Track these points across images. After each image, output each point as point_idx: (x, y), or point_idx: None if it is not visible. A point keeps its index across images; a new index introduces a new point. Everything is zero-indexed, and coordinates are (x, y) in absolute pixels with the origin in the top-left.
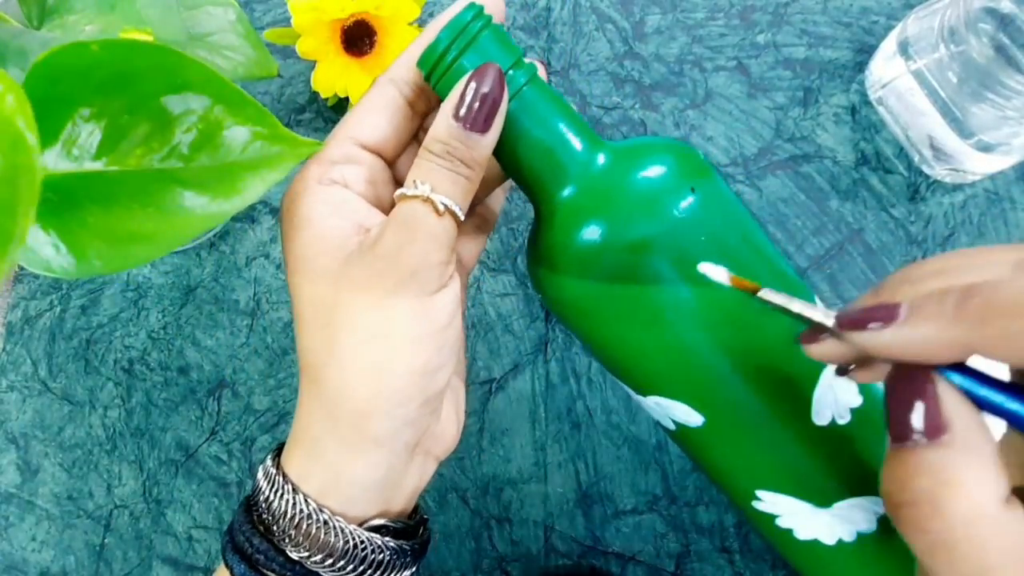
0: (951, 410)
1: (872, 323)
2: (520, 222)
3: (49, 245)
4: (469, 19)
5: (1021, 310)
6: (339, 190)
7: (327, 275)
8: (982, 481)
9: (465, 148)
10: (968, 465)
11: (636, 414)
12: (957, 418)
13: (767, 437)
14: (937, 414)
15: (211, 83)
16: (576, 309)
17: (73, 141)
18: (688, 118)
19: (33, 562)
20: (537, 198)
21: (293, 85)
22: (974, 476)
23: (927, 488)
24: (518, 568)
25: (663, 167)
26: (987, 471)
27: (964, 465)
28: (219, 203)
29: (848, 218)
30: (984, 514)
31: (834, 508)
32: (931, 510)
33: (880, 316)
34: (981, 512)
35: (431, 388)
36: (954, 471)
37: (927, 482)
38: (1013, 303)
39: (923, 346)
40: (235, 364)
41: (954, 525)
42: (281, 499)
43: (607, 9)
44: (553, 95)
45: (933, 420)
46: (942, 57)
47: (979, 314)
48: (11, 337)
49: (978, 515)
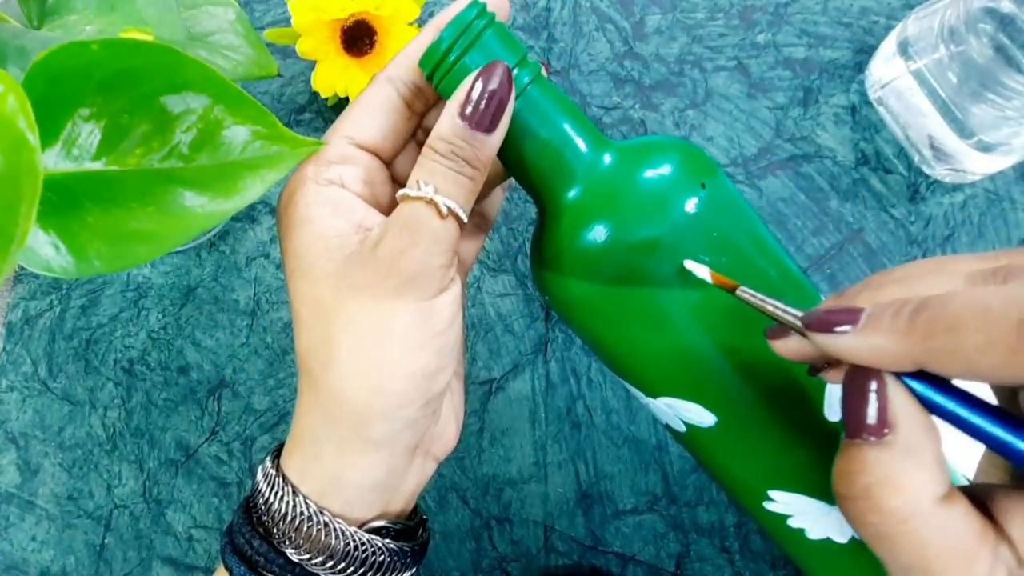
0: (898, 412)
1: (835, 325)
2: (520, 222)
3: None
4: (472, 17)
5: (963, 325)
6: (336, 190)
7: (327, 276)
8: (919, 481)
9: (470, 148)
10: (907, 465)
11: (636, 414)
12: (903, 419)
13: (779, 435)
14: (884, 414)
15: (211, 83)
16: (583, 311)
17: (73, 141)
18: (688, 118)
19: (33, 562)
20: (542, 199)
21: (293, 85)
22: (911, 475)
23: (867, 484)
24: (518, 568)
25: (670, 166)
26: (925, 471)
27: (903, 464)
28: (219, 203)
29: (848, 218)
30: (918, 511)
31: None
32: (869, 505)
33: (841, 320)
34: (916, 509)
35: (431, 390)
36: (893, 470)
37: (868, 478)
38: (956, 318)
39: (878, 354)
40: (235, 364)
41: (889, 520)
42: (281, 501)
43: (607, 9)
44: (558, 94)
45: (880, 419)
46: (942, 57)
47: (927, 330)
48: (11, 337)
49: (913, 512)
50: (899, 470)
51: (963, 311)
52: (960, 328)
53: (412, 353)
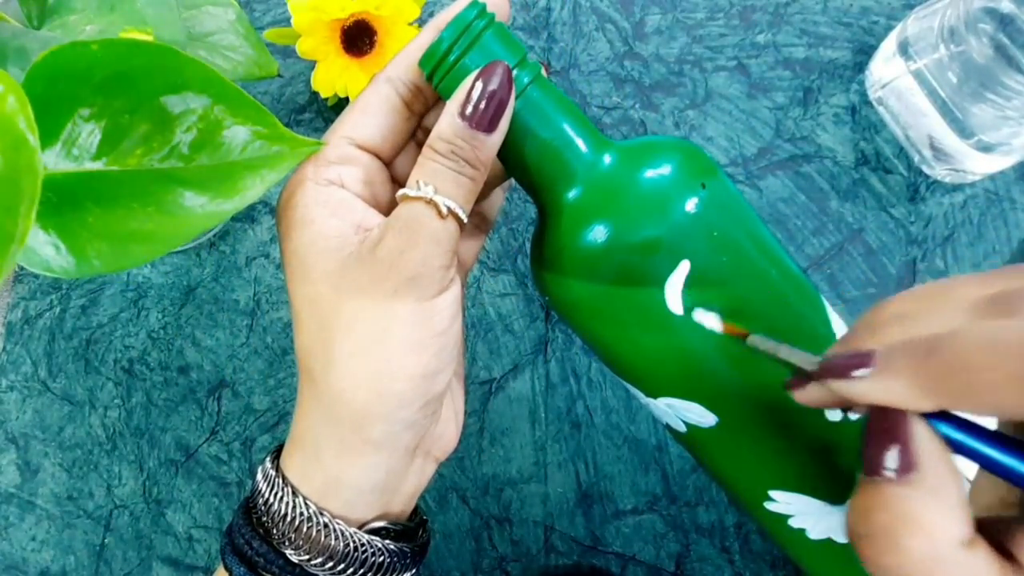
0: (922, 451)
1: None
2: (520, 222)
3: (49, 245)
4: (472, 17)
5: (976, 364)
6: (336, 190)
7: (326, 276)
8: (942, 523)
9: (471, 148)
10: (930, 506)
11: (636, 414)
12: (927, 459)
13: (781, 434)
14: (908, 453)
15: (211, 83)
16: (583, 311)
17: (73, 141)
18: (688, 118)
19: (33, 562)
20: (542, 199)
21: (293, 85)
22: (935, 517)
23: (886, 523)
24: (518, 568)
25: (670, 166)
26: (949, 513)
27: (926, 505)
28: (219, 203)
29: (848, 218)
30: (940, 555)
31: (847, 505)
32: (887, 545)
33: (855, 364)
34: (938, 553)
35: (431, 391)
36: (915, 510)
37: (887, 517)
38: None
39: (897, 397)
40: (235, 364)
41: (908, 562)
42: (281, 501)
43: (607, 9)
44: (558, 94)
45: (904, 459)
46: (942, 57)
47: (940, 372)
48: (11, 337)
49: (935, 556)
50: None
51: (974, 349)
52: (974, 367)
53: (412, 354)
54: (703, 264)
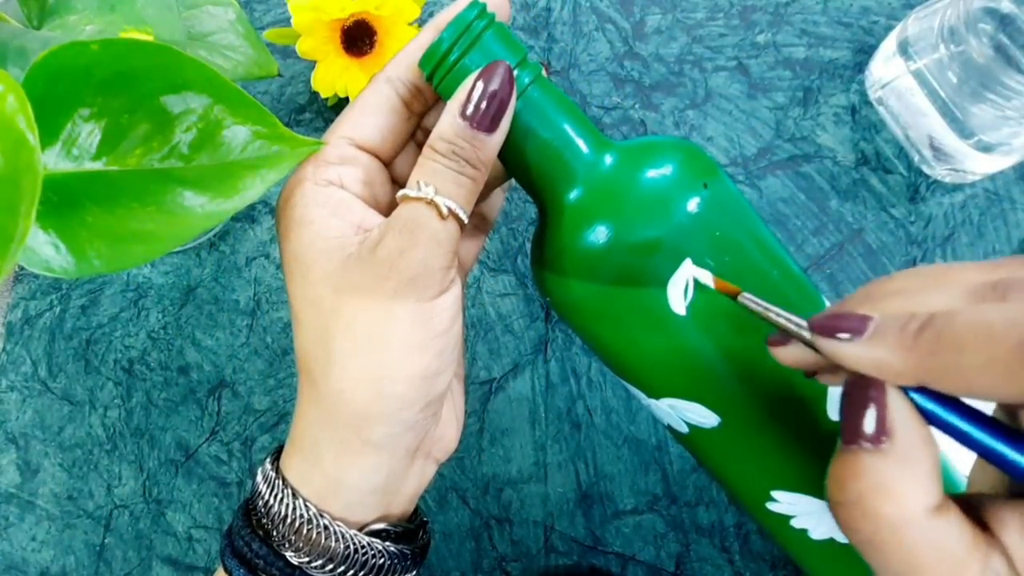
0: (896, 420)
1: (840, 332)
2: (520, 222)
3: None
4: (472, 17)
5: (964, 346)
6: (336, 191)
7: (326, 277)
8: (913, 490)
9: (471, 148)
10: (902, 473)
11: (636, 414)
12: (901, 429)
13: (783, 434)
14: (883, 422)
15: (211, 83)
16: (584, 312)
17: (73, 141)
18: (688, 118)
19: (33, 562)
20: (542, 199)
21: (293, 85)
22: (906, 484)
23: (860, 490)
24: (518, 568)
25: (671, 166)
26: (920, 481)
27: (898, 473)
28: (219, 203)
29: (848, 218)
30: (910, 520)
31: None
32: (861, 512)
33: (848, 327)
34: (908, 518)
35: (432, 392)
36: (887, 478)
37: (861, 485)
38: (959, 338)
39: (882, 367)
40: (235, 364)
41: (881, 528)
42: (281, 503)
43: (607, 9)
44: (559, 95)
45: (878, 427)
46: (942, 57)
47: (928, 348)
48: (11, 337)
49: (905, 521)
50: (892, 477)
51: (966, 330)
52: (962, 347)
53: (412, 355)
54: (704, 264)
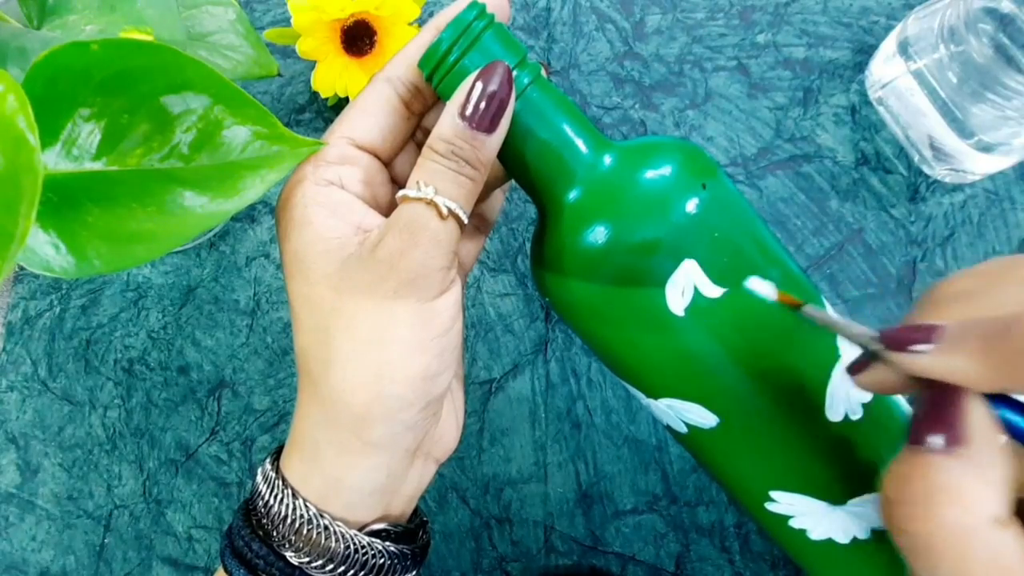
0: (973, 427)
1: (912, 344)
2: (520, 222)
3: (49, 245)
4: (472, 18)
5: None
6: (336, 191)
7: (326, 278)
8: (980, 498)
9: (471, 148)
10: (970, 479)
11: (636, 414)
12: (976, 435)
13: (782, 435)
14: (960, 428)
15: (211, 83)
16: (584, 312)
17: (73, 141)
18: (688, 118)
19: (33, 562)
20: (542, 200)
21: (293, 85)
22: (973, 491)
23: (923, 490)
24: (518, 568)
25: (671, 167)
26: (988, 490)
27: (966, 478)
28: (219, 203)
29: (848, 218)
30: (973, 527)
31: (848, 505)
32: (921, 512)
33: (920, 338)
34: (971, 525)
35: (432, 393)
36: (955, 481)
37: (925, 485)
38: None
39: (960, 375)
40: (235, 364)
41: (940, 531)
42: (281, 503)
43: (607, 9)
44: (558, 95)
45: (954, 433)
46: (942, 57)
47: (1010, 354)
48: (11, 337)
49: (968, 527)
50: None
51: None
52: None
53: (412, 355)
54: (704, 265)
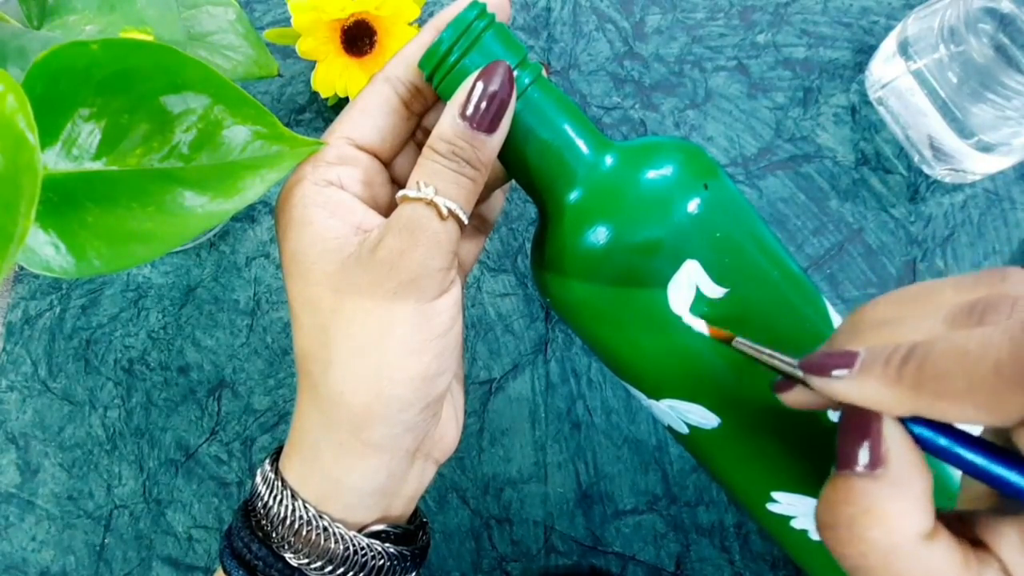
0: (890, 448)
1: (829, 369)
2: (520, 222)
3: (49, 245)
4: (472, 18)
5: (944, 374)
6: (335, 191)
7: (325, 278)
8: (904, 516)
9: (471, 148)
10: (893, 499)
11: (636, 414)
12: (895, 456)
13: (783, 436)
14: (877, 450)
15: (211, 83)
16: (584, 313)
17: (73, 141)
18: (688, 118)
19: (33, 562)
20: (543, 200)
21: (293, 85)
22: (895, 510)
23: (851, 515)
24: (518, 568)
25: (672, 167)
26: (910, 507)
27: (889, 498)
28: (219, 203)
29: (848, 218)
30: (899, 545)
31: None
32: (850, 536)
33: (837, 364)
34: (897, 543)
35: (431, 394)
36: (878, 503)
37: (852, 509)
38: (939, 367)
39: (874, 400)
40: (235, 364)
41: (869, 552)
42: (280, 504)
43: (607, 9)
44: (559, 95)
45: (873, 455)
46: (942, 57)
47: (914, 378)
48: (11, 337)
49: (894, 546)
50: (883, 502)
51: (943, 359)
52: (943, 376)
53: (412, 356)
54: (705, 265)
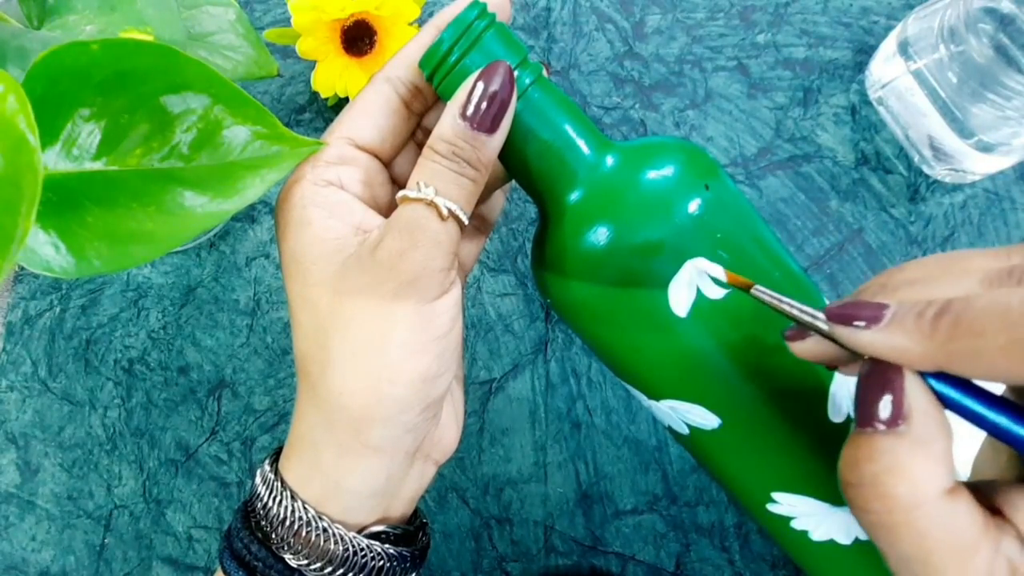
0: (912, 404)
1: (857, 320)
2: (520, 222)
3: (49, 245)
4: (473, 18)
5: (984, 330)
6: (335, 191)
7: (325, 279)
8: (927, 472)
9: (471, 149)
10: (916, 455)
11: (636, 414)
12: (917, 412)
13: (784, 436)
14: (900, 405)
15: (211, 83)
16: (585, 313)
17: (73, 141)
18: (688, 118)
19: (33, 562)
20: (543, 200)
21: (293, 85)
22: (920, 466)
23: (874, 471)
24: (518, 568)
25: (673, 167)
26: (934, 463)
27: (912, 455)
28: (219, 203)
29: (848, 218)
30: (923, 502)
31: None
32: (874, 492)
33: (865, 315)
34: (921, 500)
35: (431, 395)
36: (901, 459)
37: (876, 466)
38: (978, 322)
39: (900, 353)
40: (235, 364)
41: (893, 508)
42: (280, 505)
43: (607, 9)
44: (560, 95)
45: (895, 410)
46: (942, 57)
47: (947, 333)
48: (11, 337)
49: (918, 502)
50: (907, 459)
51: (985, 314)
52: (982, 331)
53: (412, 357)
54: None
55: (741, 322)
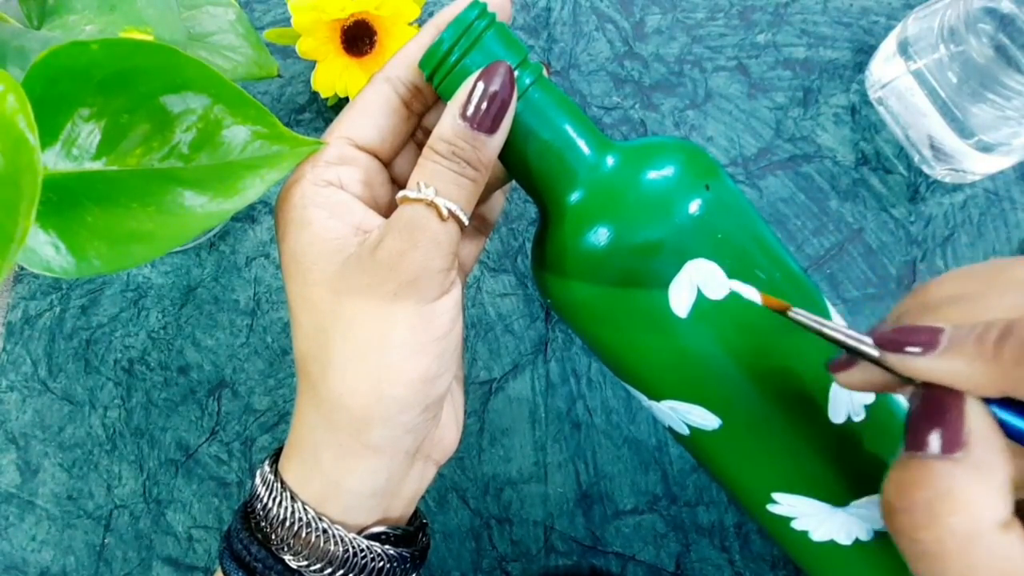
0: (973, 430)
1: (911, 346)
2: (520, 222)
3: (49, 245)
4: (473, 18)
5: None
6: (335, 191)
7: (325, 279)
8: (984, 502)
9: (472, 149)
10: (975, 484)
11: (636, 414)
12: (976, 438)
13: (785, 437)
14: (959, 432)
15: (211, 83)
16: (585, 314)
17: (73, 141)
18: (688, 118)
19: (33, 562)
20: (544, 200)
21: (293, 85)
22: (977, 496)
23: (927, 498)
24: (518, 568)
25: (673, 168)
26: (992, 494)
27: (970, 483)
28: (219, 203)
29: (848, 218)
30: (980, 533)
31: (851, 507)
32: (926, 519)
33: (920, 340)
34: (977, 531)
35: (431, 395)
36: (959, 486)
37: (927, 493)
38: None
39: (961, 379)
40: (235, 364)
41: (947, 538)
42: (279, 506)
43: (607, 9)
44: (560, 95)
45: (953, 435)
46: (942, 57)
47: (1014, 356)
48: (11, 337)
49: (974, 533)
50: (964, 487)
51: None
52: None
53: (412, 358)
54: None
55: (742, 323)
